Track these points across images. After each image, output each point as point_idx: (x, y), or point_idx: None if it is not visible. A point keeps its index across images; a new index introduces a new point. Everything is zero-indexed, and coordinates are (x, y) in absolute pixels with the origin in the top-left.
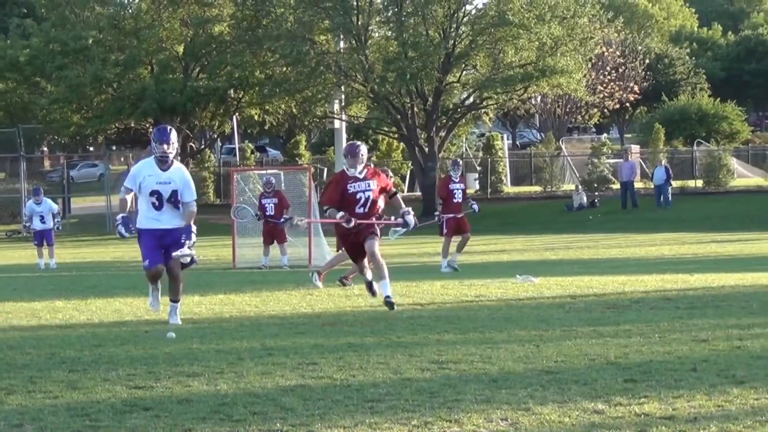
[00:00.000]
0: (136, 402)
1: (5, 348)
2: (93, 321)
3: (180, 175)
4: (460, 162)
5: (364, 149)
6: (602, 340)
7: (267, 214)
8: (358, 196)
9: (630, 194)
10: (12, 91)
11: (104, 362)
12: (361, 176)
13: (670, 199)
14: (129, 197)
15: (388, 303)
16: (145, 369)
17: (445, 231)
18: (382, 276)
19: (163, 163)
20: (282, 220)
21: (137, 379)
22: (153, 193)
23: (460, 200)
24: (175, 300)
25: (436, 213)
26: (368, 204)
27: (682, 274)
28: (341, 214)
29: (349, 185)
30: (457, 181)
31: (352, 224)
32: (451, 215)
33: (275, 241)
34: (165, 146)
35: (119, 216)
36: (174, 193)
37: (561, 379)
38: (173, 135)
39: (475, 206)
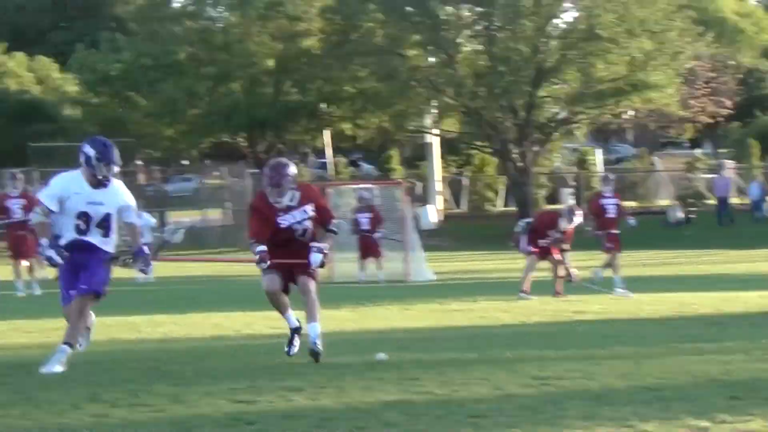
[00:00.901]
0: (239, 416)
1: (108, 361)
2: (193, 335)
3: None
4: (611, 177)
5: (291, 170)
6: (704, 357)
7: (362, 228)
8: (294, 228)
9: (726, 210)
10: (105, 105)
11: (206, 376)
12: (295, 203)
13: (765, 214)
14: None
15: (314, 353)
16: (247, 383)
17: (607, 246)
18: (314, 317)
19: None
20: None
21: (240, 393)
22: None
23: (613, 215)
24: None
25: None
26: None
27: None
28: (261, 248)
29: (279, 218)
30: (608, 196)
31: (266, 265)
32: (605, 231)
33: (371, 256)
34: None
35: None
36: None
37: (664, 396)
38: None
39: (632, 221)
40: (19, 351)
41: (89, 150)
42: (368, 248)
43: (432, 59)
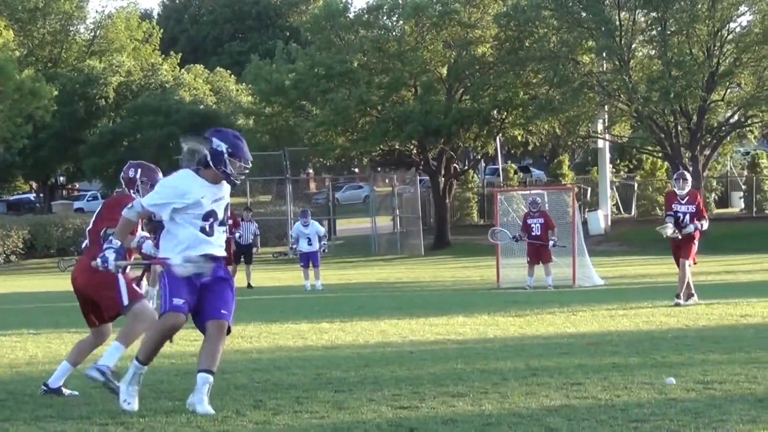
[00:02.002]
0: (401, 422)
1: (273, 369)
2: (358, 342)
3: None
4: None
5: None
6: None
7: (533, 234)
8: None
9: None
10: (278, 114)
11: (369, 382)
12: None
13: None
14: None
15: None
16: (410, 389)
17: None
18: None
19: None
20: None
21: (402, 399)
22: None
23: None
24: None
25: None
26: None
27: None
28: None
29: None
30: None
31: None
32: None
33: (540, 261)
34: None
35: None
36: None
37: None
38: None
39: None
40: (184, 359)
41: (219, 144)
42: (538, 253)
43: (605, 64)
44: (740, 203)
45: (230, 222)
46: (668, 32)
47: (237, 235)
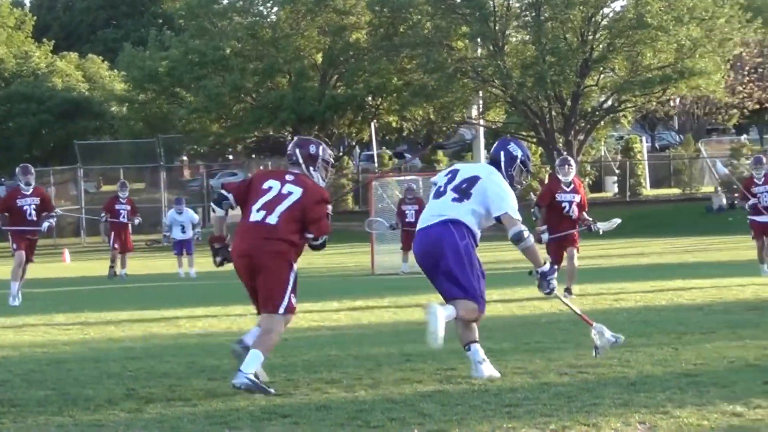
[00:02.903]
0: (275, 409)
1: (146, 357)
2: (232, 329)
3: None
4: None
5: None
6: (742, 343)
7: (407, 220)
8: None
9: None
10: (151, 101)
11: None
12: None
13: None
14: None
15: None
16: (283, 376)
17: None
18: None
19: None
20: None
21: (276, 387)
22: None
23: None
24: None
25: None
26: None
27: None
28: None
29: None
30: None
31: None
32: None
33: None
34: None
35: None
36: None
37: (700, 381)
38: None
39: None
40: (56, 347)
41: (516, 150)
42: (412, 239)
43: (479, 50)
44: (614, 188)
45: (128, 209)
46: (542, 18)
47: (137, 222)
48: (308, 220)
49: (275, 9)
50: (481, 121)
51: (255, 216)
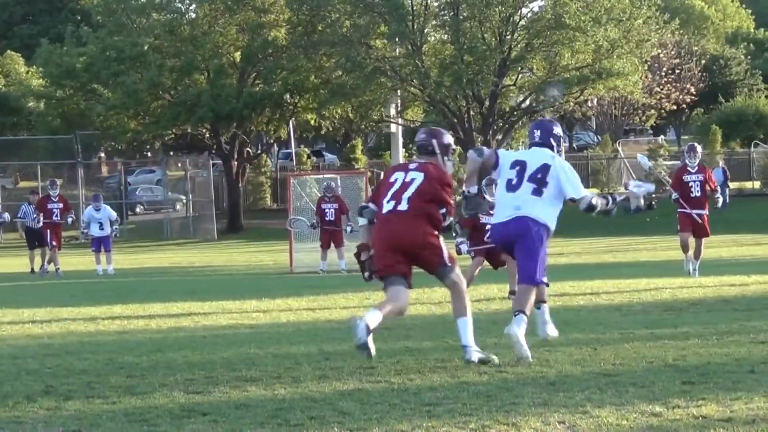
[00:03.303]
0: (194, 407)
1: (64, 354)
2: (151, 326)
3: None
4: (697, 147)
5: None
6: (660, 343)
7: (326, 219)
8: None
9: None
10: (69, 98)
11: (162, 367)
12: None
13: (727, 200)
14: None
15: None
16: (203, 374)
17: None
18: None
19: None
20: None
21: (195, 384)
22: None
23: (698, 194)
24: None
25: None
26: None
27: (739, 275)
28: None
29: None
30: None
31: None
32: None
33: (333, 245)
34: None
35: None
36: None
37: (618, 381)
38: None
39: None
40: None
41: (558, 130)
42: (330, 237)
43: (398, 49)
44: None
45: (61, 206)
46: (461, 17)
47: (69, 220)
48: (438, 201)
49: (194, 6)
50: (399, 120)
51: (385, 207)
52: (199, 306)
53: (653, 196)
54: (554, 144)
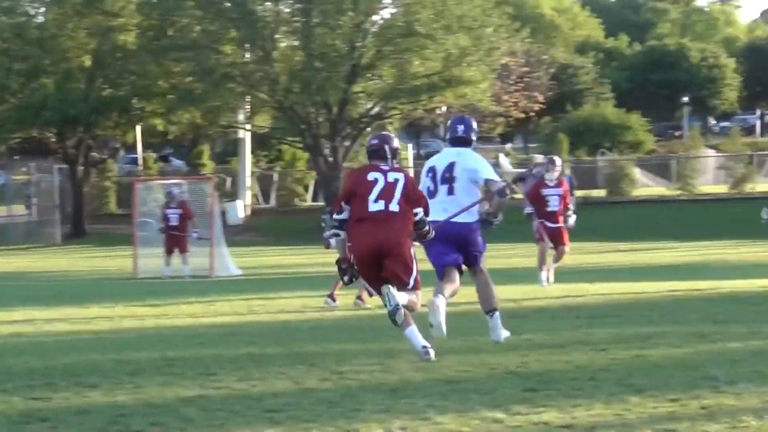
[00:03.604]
0: (33, 413)
1: None
2: (2, 333)
3: None
4: (556, 160)
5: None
6: (503, 350)
7: (171, 224)
8: None
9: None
10: None
11: (1, 373)
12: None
13: (574, 209)
14: None
15: None
16: (42, 380)
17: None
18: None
19: None
20: None
21: (35, 390)
22: None
23: (556, 208)
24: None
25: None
26: None
27: (583, 283)
28: None
29: None
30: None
31: None
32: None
33: (177, 251)
34: None
35: None
36: None
37: (461, 388)
38: None
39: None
40: None
41: (473, 122)
42: (175, 243)
43: (248, 55)
44: None
45: None
46: (312, 24)
47: None
48: (414, 200)
49: (42, 9)
50: (248, 126)
51: (374, 206)
52: (40, 312)
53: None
54: (474, 138)
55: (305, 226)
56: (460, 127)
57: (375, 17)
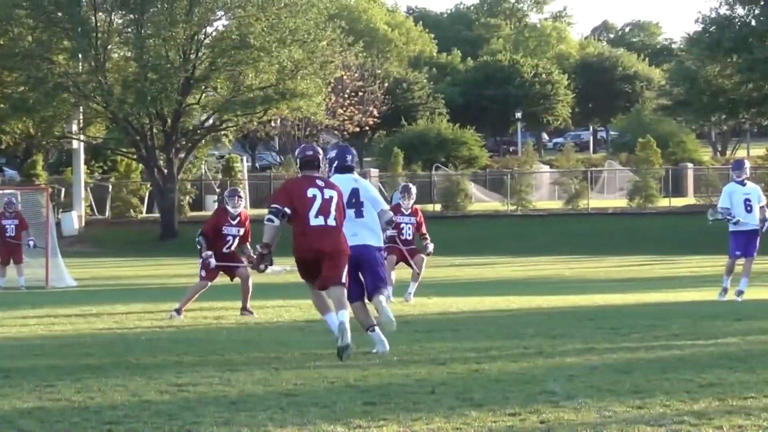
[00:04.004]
0: None
1: None
2: None
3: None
4: (411, 188)
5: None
6: (342, 363)
7: (7, 234)
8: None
9: None
10: None
11: None
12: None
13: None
14: None
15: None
16: None
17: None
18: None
19: None
20: None
21: None
22: None
23: (409, 237)
24: None
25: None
26: None
27: (419, 297)
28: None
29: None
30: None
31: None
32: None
33: (12, 261)
34: None
35: None
36: None
37: (300, 401)
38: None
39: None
40: None
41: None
42: (10, 253)
43: (81, 65)
44: (215, 206)
45: None
46: (145, 35)
47: None
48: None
49: None
50: (81, 137)
51: (315, 221)
52: None
53: None
54: (355, 164)
55: (140, 237)
56: (349, 157)
57: (209, 29)
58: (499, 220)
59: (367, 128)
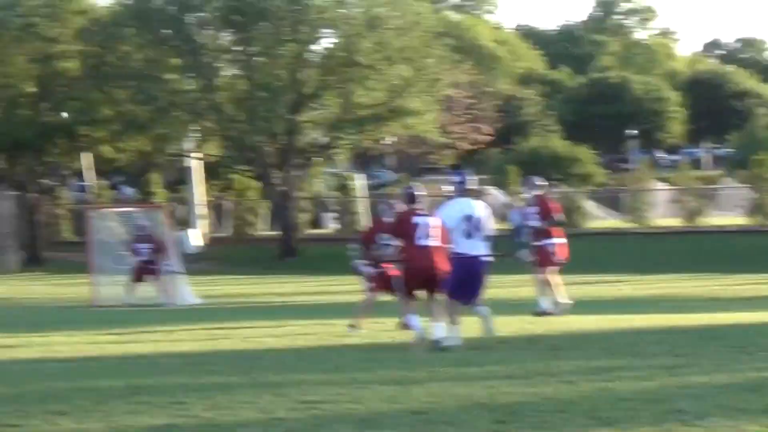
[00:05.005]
0: None
1: None
2: None
3: None
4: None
5: None
6: (468, 381)
7: (142, 259)
8: None
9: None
10: None
11: None
12: None
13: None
14: None
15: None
16: (14, 407)
17: None
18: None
19: None
20: None
21: (6, 418)
22: None
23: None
24: None
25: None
26: None
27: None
28: None
29: None
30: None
31: None
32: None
33: (141, 279)
34: None
35: None
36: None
37: (429, 419)
38: None
39: None
40: None
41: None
42: (140, 272)
43: (192, 84)
44: (331, 224)
45: None
46: (253, 53)
47: None
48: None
49: None
50: (195, 155)
51: (421, 243)
52: (4, 339)
53: None
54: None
55: (261, 254)
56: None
57: (316, 47)
58: (619, 238)
59: (480, 146)
